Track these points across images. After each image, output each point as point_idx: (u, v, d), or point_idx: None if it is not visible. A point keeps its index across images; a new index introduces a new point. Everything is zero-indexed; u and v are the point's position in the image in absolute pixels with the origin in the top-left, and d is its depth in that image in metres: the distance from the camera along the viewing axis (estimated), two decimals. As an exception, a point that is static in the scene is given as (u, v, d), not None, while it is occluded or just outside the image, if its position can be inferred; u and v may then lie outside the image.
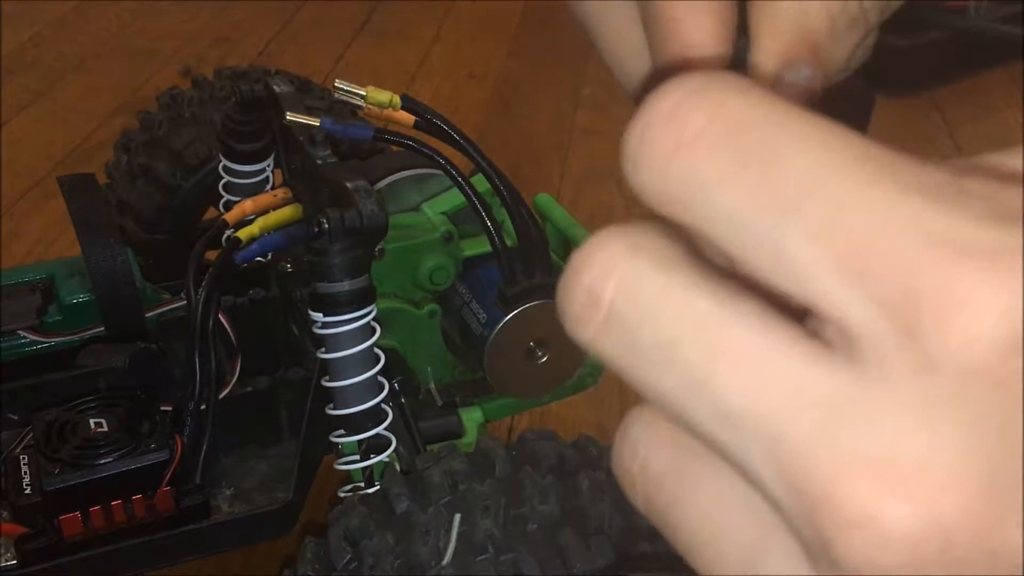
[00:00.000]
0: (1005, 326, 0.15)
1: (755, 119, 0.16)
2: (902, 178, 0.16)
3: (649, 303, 0.17)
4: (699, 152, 0.17)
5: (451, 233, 0.70)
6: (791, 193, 0.16)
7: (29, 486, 0.58)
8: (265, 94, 0.71)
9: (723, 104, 0.17)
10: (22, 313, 0.66)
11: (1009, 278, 0.15)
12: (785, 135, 0.16)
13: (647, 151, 0.17)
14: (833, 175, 0.16)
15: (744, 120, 0.17)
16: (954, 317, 0.15)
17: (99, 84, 1.61)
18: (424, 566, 0.48)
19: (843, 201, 0.16)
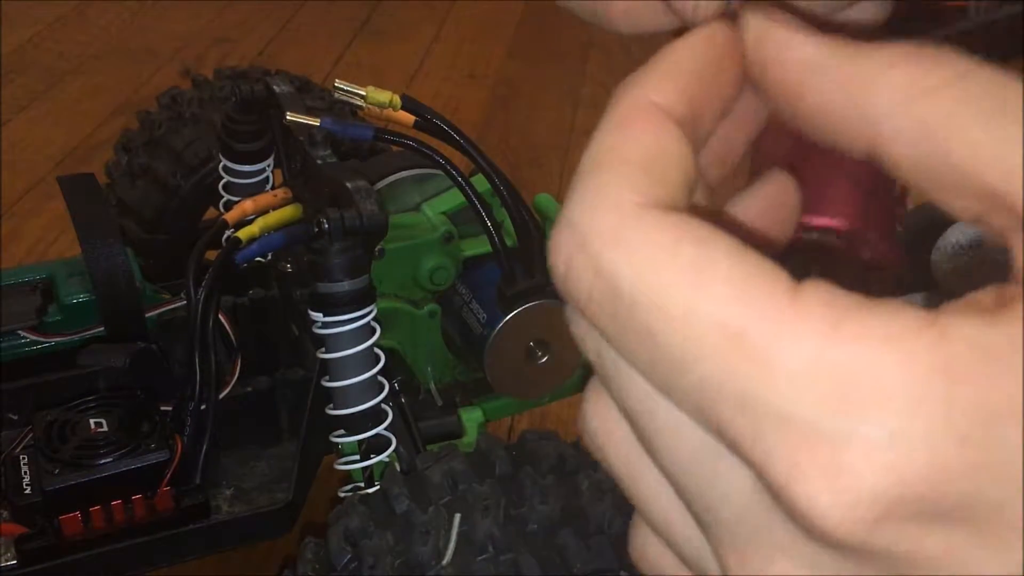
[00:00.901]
0: (851, 522, 0.16)
1: (630, 290, 0.18)
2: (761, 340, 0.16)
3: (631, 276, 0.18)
4: (593, 314, 0.18)
5: (451, 233, 0.70)
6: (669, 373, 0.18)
7: (29, 486, 0.58)
8: (265, 94, 0.71)
9: (600, 263, 0.18)
10: (22, 313, 0.66)
11: (852, 475, 0.16)
12: (655, 316, 0.17)
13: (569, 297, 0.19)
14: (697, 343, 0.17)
15: (619, 281, 0.18)
16: (802, 511, 0.16)
17: (99, 84, 1.61)
18: (424, 566, 0.48)
19: (709, 375, 0.17)
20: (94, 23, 1.83)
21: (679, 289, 0.17)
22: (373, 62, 1.73)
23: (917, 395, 0.15)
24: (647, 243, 0.17)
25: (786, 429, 0.16)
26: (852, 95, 0.18)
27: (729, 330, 0.16)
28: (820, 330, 0.16)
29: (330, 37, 1.80)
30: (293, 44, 1.78)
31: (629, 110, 0.20)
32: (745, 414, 0.16)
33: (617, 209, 0.18)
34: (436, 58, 1.75)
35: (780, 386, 0.16)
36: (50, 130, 1.48)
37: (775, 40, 0.20)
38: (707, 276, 0.17)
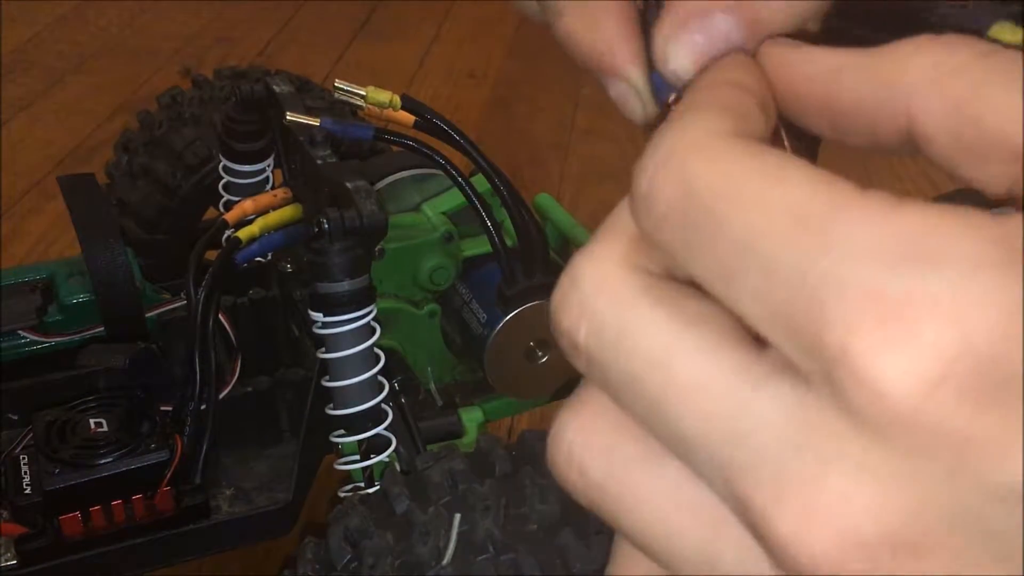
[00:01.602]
0: (910, 379, 0.15)
1: (708, 188, 0.18)
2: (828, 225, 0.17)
3: (613, 344, 0.19)
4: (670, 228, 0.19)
5: (451, 233, 0.70)
6: (735, 259, 0.18)
7: (29, 486, 0.58)
8: (265, 94, 0.71)
9: (684, 176, 0.18)
10: (22, 313, 0.66)
11: (916, 328, 0.15)
12: (730, 200, 0.18)
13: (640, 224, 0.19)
14: (764, 235, 0.17)
15: (700, 190, 0.18)
16: (859, 373, 0.16)
17: (99, 84, 1.61)
18: (424, 566, 0.48)
19: (772, 261, 0.17)
20: (94, 23, 1.83)
21: (755, 182, 0.17)
22: (373, 62, 1.73)
23: (981, 257, 0.15)
24: (730, 151, 0.18)
25: (845, 291, 0.16)
26: (883, 84, 0.19)
27: (796, 211, 0.17)
28: (884, 207, 0.16)
29: (330, 37, 1.80)
30: (293, 44, 1.78)
31: (713, 80, 0.21)
32: (805, 286, 0.16)
33: (704, 130, 0.19)
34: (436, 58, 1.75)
35: (842, 253, 0.16)
36: (50, 130, 1.48)
37: (798, 59, 0.21)
38: (783, 172, 0.17)
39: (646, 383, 0.18)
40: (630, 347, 0.19)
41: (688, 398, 0.18)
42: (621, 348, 0.19)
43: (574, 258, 0.20)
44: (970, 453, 0.16)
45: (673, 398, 0.18)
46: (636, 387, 0.19)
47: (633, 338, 0.19)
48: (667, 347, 0.18)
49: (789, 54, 0.21)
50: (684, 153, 0.18)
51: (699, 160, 0.18)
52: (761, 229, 0.17)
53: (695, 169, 0.18)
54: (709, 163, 0.18)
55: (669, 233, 0.18)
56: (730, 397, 0.18)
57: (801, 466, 0.17)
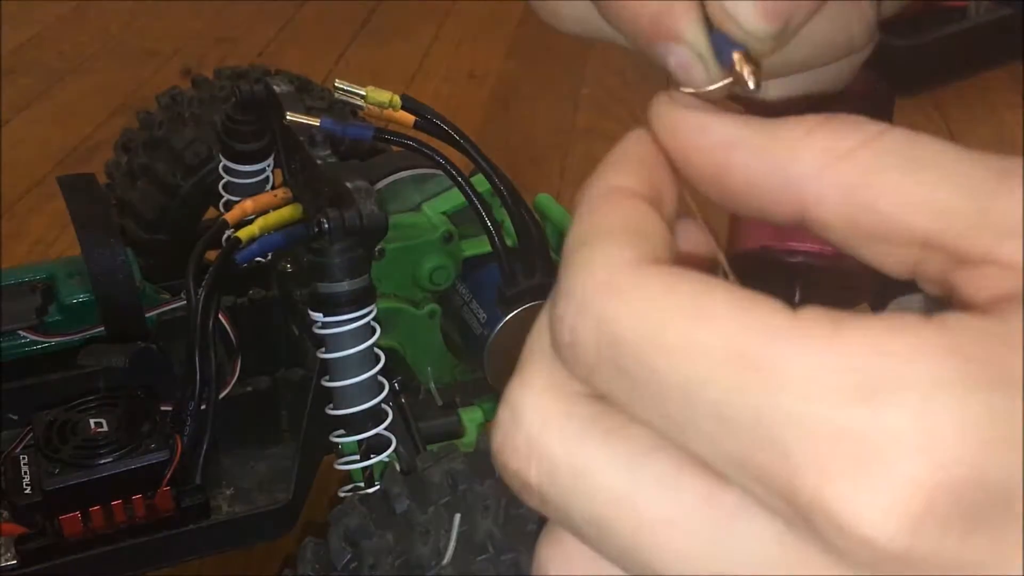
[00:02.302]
0: (887, 525, 0.15)
1: (630, 330, 0.17)
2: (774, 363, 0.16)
3: (569, 487, 0.18)
4: (603, 377, 0.18)
5: (451, 233, 0.70)
6: (680, 408, 0.17)
7: (29, 486, 0.58)
8: (265, 94, 0.71)
9: (603, 320, 0.18)
10: (22, 313, 0.66)
11: (885, 466, 0.15)
12: (658, 343, 0.17)
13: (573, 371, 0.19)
14: (704, 381, 0.16)
15: (623, 335, 0.17)
16: (837, 520, 0.15)
17: (99, 84, 1.61)
18: (424, 566, 0.48)
19: (720, 408, 0.16)
20: (94, 23, 1.83)
21: (678, 323, 0.17)
22: (373, 62, 1.73)
23: (935, 374, 0.15)
24: (642, 287, 0.17)
25: (807, 436, 0.15)
26: (775, 166, 0.19)
27: (731, 350, 0.16)
28: (823, 335, 0.16)
29: (330, 37, 1.80)
30: (293, 44, 1.78)
31: (599, 195, 0.20)
32: (761, 433, 0.16)
33: (609, 266, 0.18)
34: (436, 58, 1.75)
35: (791, 393, 0.15)
36: (50, 130, 1.48)
37: (689, 127, 0.20)
38: (705, 308, 0.17)
39: (612, 524, 0.18)
40: (588, 489, 0.18)
41: (660, 537, 0.17)
42: (579, 490, 0.18)
43: (509, 387, 0.20)
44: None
45: (644, 538, 0.17)
46: (602, 528, 0.18)
47: (590, 479, 0.18)
48: (627, 484, 0.17)
49: (682, 121, 0.20)
50: (597, 296, 0.18)
51: (614, 303, 0.17)
52: (699, 376, 0.16)
53: (613, 314, 0.17)
54: (625, 306, 0.17)
55: (604, 383, 0.18)
56: (706, 532, 0.17)
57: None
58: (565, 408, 0.19)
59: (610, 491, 0.17)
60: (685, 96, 0.21)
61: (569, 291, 0.18)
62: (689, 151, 0.20)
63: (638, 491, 0.17)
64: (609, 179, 0.20)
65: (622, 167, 0.20)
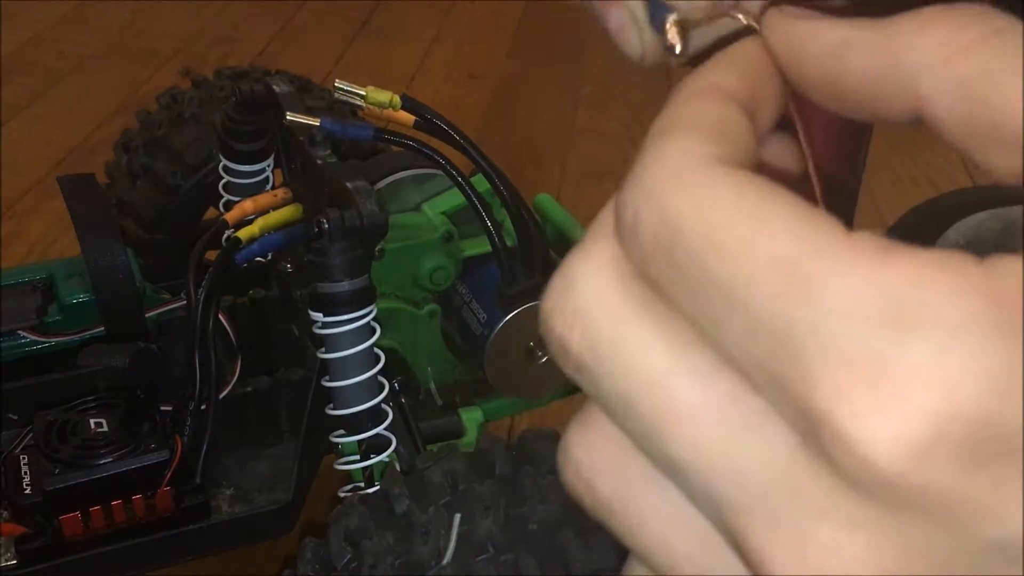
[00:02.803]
0: (891, 452, 0.15)
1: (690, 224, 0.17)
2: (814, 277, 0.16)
3: (607, 359, 0.18)
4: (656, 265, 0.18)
5: (451, 233, 0.70)
6: (720, 307, 0.17)
7: (29, 486, 0.58)
8: (265, 94, 0.71)
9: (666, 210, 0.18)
10: (22, 313, 0.66)
11: (900, 395, 0.15)
12: (713, 241, 0.17)
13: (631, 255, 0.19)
14: (747, 284, 0.17)
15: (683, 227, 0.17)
16: (845, 439, 0.15)
17: (99, 84, 1.61)
18: (424, 566, 0.48)
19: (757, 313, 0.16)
20: (94, 23, 1.83)
21: (736, 223, 0.17)
22: (373, 62, 1.73)
23: (968, 315, 0.15)
24: (709, 185, 0.18)
25: (830, 352, 0.16)
26: (889, 63, 0.18)
27: (778, 257, 0.16)
28: (870, 259, 0.16)
29: (330, 37, 1.80)
30: (293, 44, 1.78)
31: (694, 89, 0.20)
32: (789, 342, 0.16)
33: (682, 158, 0.18)
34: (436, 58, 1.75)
35: (826, 309, 0.16)
36: (50, 130, 1.48)
37: (801, 35, 0.20)
38: (764, 213, 0.17)
39: (640, 404, 0.18)
40: (625, 365, 0.18)
41: (683, 425, 0.18)
42: (616, 364, 0.18)
43: (569, 257, 0.20)
44: (963, 512, 0.15)
45: (667, 423, 0.18)
46: (629, 406, 0.18)
47: (629, 356, 0.18)
48: (664, 368, 0.18)
49: (795, 30, 0.20)
50: (664, 187, 0.18)
51: (679, 196, 0.18)
52: (744, 278, 0.17)
53: (676, 206, 0.18)
54: (690, 200, 0.17)
55: (655, 269, 0.18)
56: (725, 430, 0.17)
57: (795, 514, 0.16)
58: (618, 286, 0.19)
59: (646, 372, 0.18)
60: (794, 8, 0.21)
61: (639, 177, 0.18)
62: (803, 59, 0.20)
63: (673, 377, 0.18)
64: (708, 75, 0.20)
65: (725, 67, 0.21)
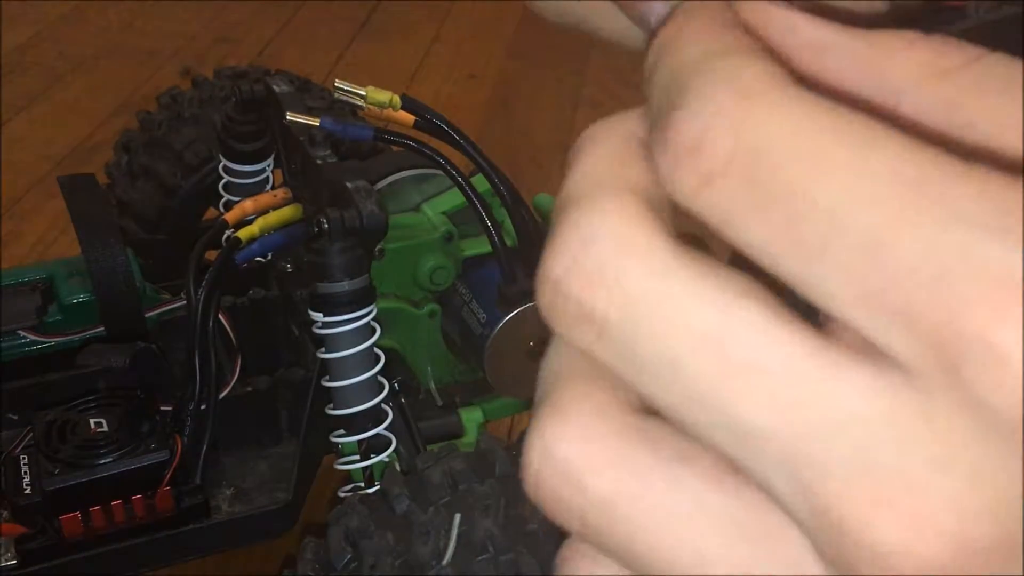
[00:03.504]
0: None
1: (779, 142, 0.16)
2: (950, 197, 0.15)
3: (647, 315, 0.16)
4: (725, 187, 0.16)
5: (451, 233, 0.70)
6: (822, 231, 0.15)
7: (29, 486, 0.58)
8: (265, 94, 0.71)
9: (746, 127, 0.16)
10: (22, 313, 0.66)
11: None
12: (812, 159, 0.15)
13: (678, 181, 0.16)
14: (865, 204, 0.15)
15: (769, 145, 0.16)
16: (998, 369, 0.14)
17: (99, 84, 1.61)
18: (424, 566, 0.48)
19: (876, 235, 0.15)
20: (94, 23, 1.83)
21: (843, 142, 0.15)
22: (373, 62, 1.73)
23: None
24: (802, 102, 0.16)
25: (978, 276, 0.14)
26: (871, 72, 0.17)
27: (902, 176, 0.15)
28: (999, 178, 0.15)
29: (330, 37, 1.80)
30: (293, 44, 1.78)
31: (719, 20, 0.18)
32: (925, 268, 0.14)
33: (761, 75, 0.16)
34: (436, 58, 1.75)
35: (968, 228, 0.14)
36: (50, 130, 1.48)
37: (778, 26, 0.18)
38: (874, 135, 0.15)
39: (691, 367, 0.16)
40: (669, 322, 0.16)
41: (750, 384, 0.15)
42: (657, 324, 0.16)
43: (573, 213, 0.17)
44: None
45: (729, 384, 0.15)
46: (674, 371, 0.16)
47: (673, 311, 0.16)
48: (718, 322, 0.16)
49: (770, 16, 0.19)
50: (746, 102, 0.16)
51: (766, 112, 0.16)
52: (858, 199, 0.15)
53: (763, 122, 0.16)
54: (780, 116, 0.15)
55: (718, 195, 0.16)
56: (805, 384, 0.15)
57: (905, 468, 0.15)
58: (648, 236, 0.16)
59: (696, 329, 0.16)
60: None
61: (705, 95, 0.16)
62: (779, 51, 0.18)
63: (731, 331, 0.15)
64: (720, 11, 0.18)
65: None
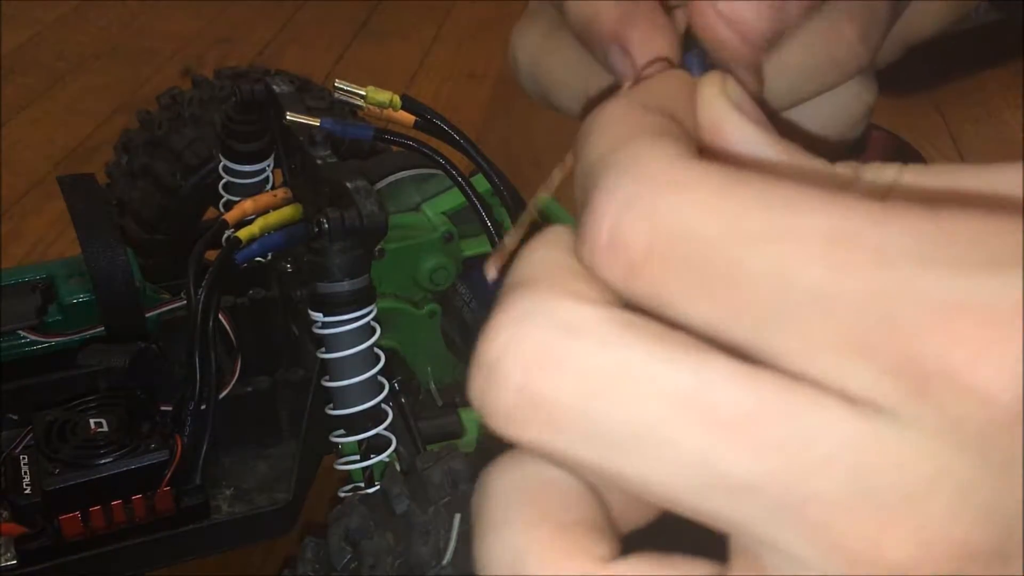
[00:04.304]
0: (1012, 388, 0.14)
1: (698, 221, 0.16)
2: (877, 241, 0.15)
3: (610, 389, 0.16)
4: (652, 274, 0.16)
5: (451, 233, 0.70)
6: (766, 297, 0.16)
7: (29, 486, 0.58)
8: (265, 94, 0.71)
9: (659, 214, 0.16)
10: (22, 313, 0.66)
11: (1009, 333, 0.15)
12: (738, 232, 0.16)
13: (606, 276, 0.17)
14: (801, 263, 0.15)
15: (688, 226, 0.16)
16: (962, 382, 0.15)
17: (99, 84, 1.61)
18: (424, 566, 0.48)
19: (820, 290, 0.15)
20: (94, 23, 1.83)
21: (763, 211, 0.16)
22: (373, 62, 1.73)
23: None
24: (709, 179, 0.16)
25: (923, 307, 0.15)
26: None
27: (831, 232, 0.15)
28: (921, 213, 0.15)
29: (330, 37, 1.80)
30: (293, 44, 1.78)
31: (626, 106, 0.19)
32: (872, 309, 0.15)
33: (663, 159, 0.17)
34: (436, 58, 1.75)
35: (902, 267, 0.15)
36: (50, 130, 1.48)
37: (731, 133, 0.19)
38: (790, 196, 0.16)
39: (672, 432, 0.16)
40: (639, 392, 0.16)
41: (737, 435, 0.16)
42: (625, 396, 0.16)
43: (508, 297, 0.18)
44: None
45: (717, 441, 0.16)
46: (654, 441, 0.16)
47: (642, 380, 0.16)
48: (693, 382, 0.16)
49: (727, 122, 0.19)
50: (653, 190, 0.16)
51: (676, 197, 0.16)
52: (797, 260, 0.15)
53: (674, 207, 0.16)
54: (691, 198, 0.16)
55: (646, 283, 0.16)
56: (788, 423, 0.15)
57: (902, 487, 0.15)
58: (595, 312, 0.16)
59: (672, 393, 0.16)
60: (735, 87, 0.20)
61: (610, 189, 0.17)
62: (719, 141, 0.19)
63: (708, 388, 0.16)
64: (636, 97, 0.19)
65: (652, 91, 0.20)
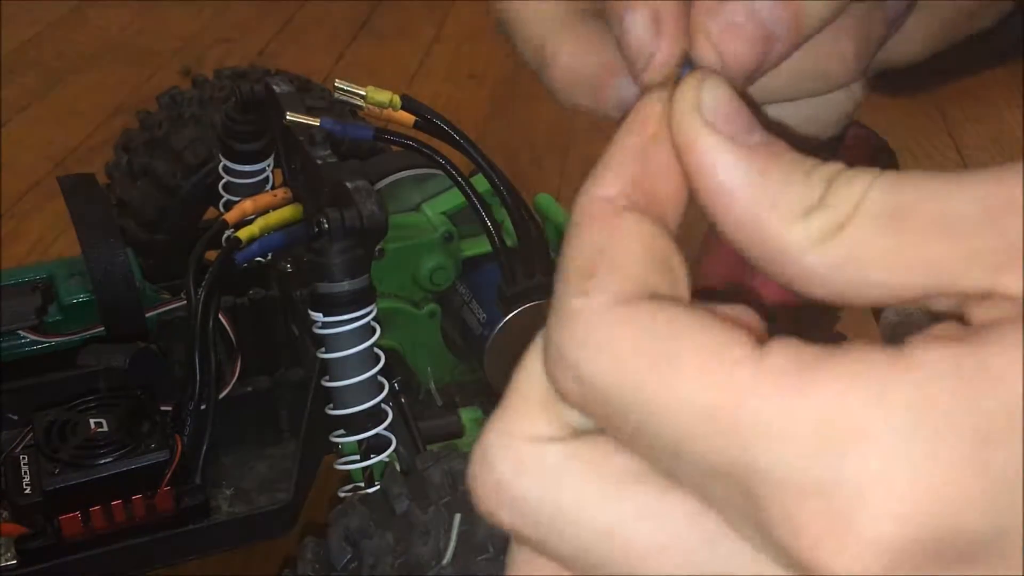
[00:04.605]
0: (860, 569, 0.15)
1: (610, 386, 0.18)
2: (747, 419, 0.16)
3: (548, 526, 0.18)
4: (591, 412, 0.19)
5: (451, 233, 0.70)
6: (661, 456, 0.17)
7: (29, 486, 0.58)
8: (265, 94, 0.71)
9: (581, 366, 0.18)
10: (22, 313, 0.66)
11: (852, 517, 0.15)
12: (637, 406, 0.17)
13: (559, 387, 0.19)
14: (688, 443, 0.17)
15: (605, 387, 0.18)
16: (812, 569, 0.16)
17: (99, 84, 1.61)
18: (424, 566, 0.48)
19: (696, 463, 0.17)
20: (94, 23, 1.83)
21: (653, 380, 0.17)
22: (373, 62, 1.73)
23: (895, 430, 0.15)
24: (615, 339, 0.18)
25: (777, 490, 0.16)
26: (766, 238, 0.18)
27: (705, 407, 0.17)
28: (788, 385, 0.16)
29: (330, 37, 1.80)
30: (293, 44, 1.78)
31: (585, 214, 0.20)
32: (740, 485, 0.16)
33: (582, 314, 0.18)
34: (436, 58, 1.75)
35: (760, 449, 0.16)
36: (50, 130, 1.48)
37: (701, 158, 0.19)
38: (674, 361, 0.17)
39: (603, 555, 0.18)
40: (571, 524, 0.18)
41: (653, 561, 0.17)
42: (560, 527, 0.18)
43: (485, 431, 0.20)
44: None
45: (638, 564, 0.18)
46: (592, 560, 0.18)
47: (572, 515, 0.18)
48: (613, 517, 0.18)
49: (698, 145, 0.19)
50: (572, 350, 0.18)
51: (586, 355, 0.18)
52: (682, 431, 0.17)
53: (588, 366, 0.18)
54: (599, 361, 0.18)
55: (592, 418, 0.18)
56: (696, 555, 0.17)
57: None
58: (538, 449, 0.19)
59: (596, 526, 0.18)
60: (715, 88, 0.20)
61: (549, 338, 0.19)
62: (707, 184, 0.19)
63: (625, 522, 0.18)
64: (596, 190, 0.20)
65: (611, 171, 0.20)
